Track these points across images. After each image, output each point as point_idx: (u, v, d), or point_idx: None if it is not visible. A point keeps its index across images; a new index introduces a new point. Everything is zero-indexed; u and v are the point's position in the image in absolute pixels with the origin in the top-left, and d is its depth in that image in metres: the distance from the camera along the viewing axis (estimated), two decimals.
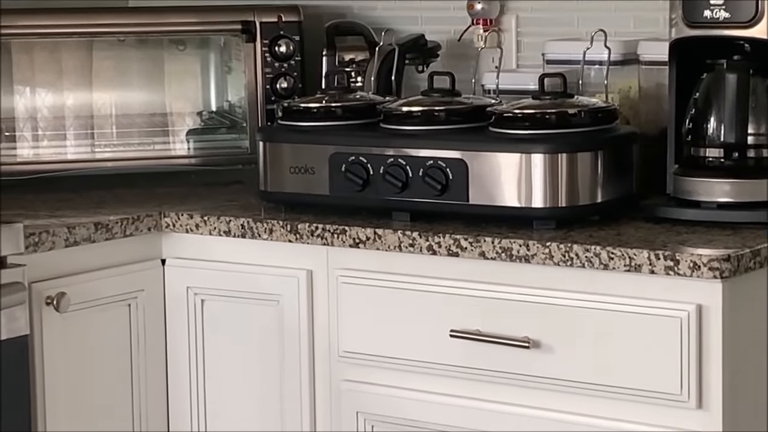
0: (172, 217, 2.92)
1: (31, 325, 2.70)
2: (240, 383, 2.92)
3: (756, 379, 2.47)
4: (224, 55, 3.34)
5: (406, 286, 2.67)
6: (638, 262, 2.40)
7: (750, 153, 2.69)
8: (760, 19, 2.59)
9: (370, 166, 2.77)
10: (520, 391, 2.56)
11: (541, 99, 2.79)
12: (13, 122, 3.19)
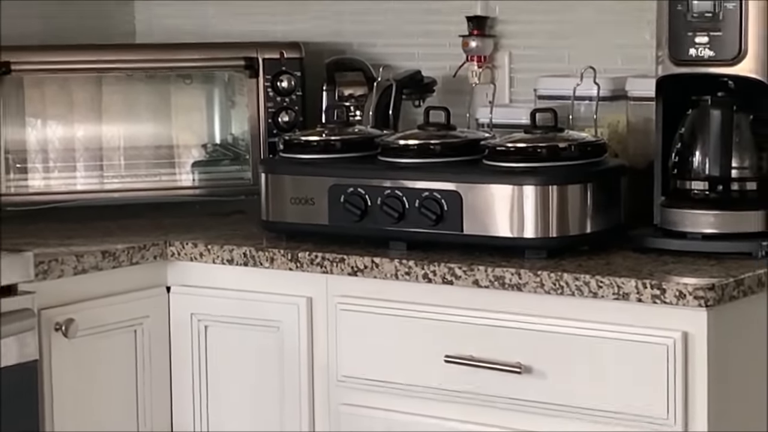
0: (177, 246, 2.93)
1: (41, 351, 2.71)
2: (242, 406, 2.92)
3: (740, 404, 2.48)
4: (228, 90, 3.35)
5: (403, 313, 2.68)
6: (626, 291, 2.41)
7: (734, 186, 2.69)
8: (744, 57, 2.61)
9: (368, 198, 2.78)
10: (513, 415, 2.56)
11: (532, 133, 2.80)
12: (25, 154, 3.20)
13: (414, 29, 3.38)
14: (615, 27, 3.12)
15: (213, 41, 3.53)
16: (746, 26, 2.60)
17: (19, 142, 3.18)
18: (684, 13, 2.65)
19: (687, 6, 2.64)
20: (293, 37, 3.43)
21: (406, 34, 3.39)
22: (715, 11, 2.61)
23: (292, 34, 3.45)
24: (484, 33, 3.25)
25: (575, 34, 3.18)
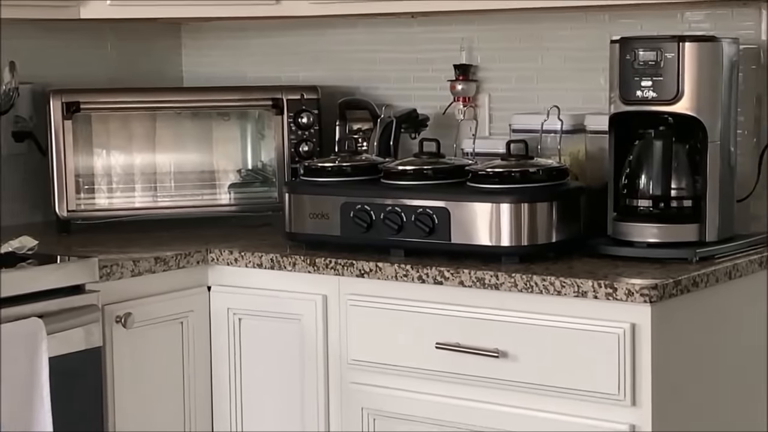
0: (216, 252, 2.92)
1: (104, 339, 2.71)
2: (269, 384, 2.92)
3: (678, 382, 2.47)
4: (259, 125, 3.34)
5: (401, 308, 2.67)
6: (584, 290, 2.41)
7: (673, 203, 2.70)
8: (681, 97, 2.61)
9: (372, 213, 2.78)
10: (491, 392, 2.56)
11: (508, 160, 2.79)
12: (92, 177, 3.20)
13: (410, 75, 3.38)
14: (576, 73, 3.12)
15: (246, 85, 3.52)
16: (683, 72, 2.60)
17: (88, 168, 3.19)
18: (631, 61, 2.65)
19: (634, 56, 2.64)
20: (312, 81, 3.43)
21: (404, 80, 3.38)
22: (657, 60, 2.62)
23: (310, 79, 3.45)
24: (468, 78, 3.25)
25: (543, 79, 3.18)
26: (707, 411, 2.60)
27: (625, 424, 2.40)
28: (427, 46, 3.34)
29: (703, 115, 2.65)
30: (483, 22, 3.24)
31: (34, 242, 2.71)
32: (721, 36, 2.70)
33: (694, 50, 2.62)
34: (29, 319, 2.50)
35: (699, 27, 2.92)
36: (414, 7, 3.04)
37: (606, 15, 3.02)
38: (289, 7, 3.16)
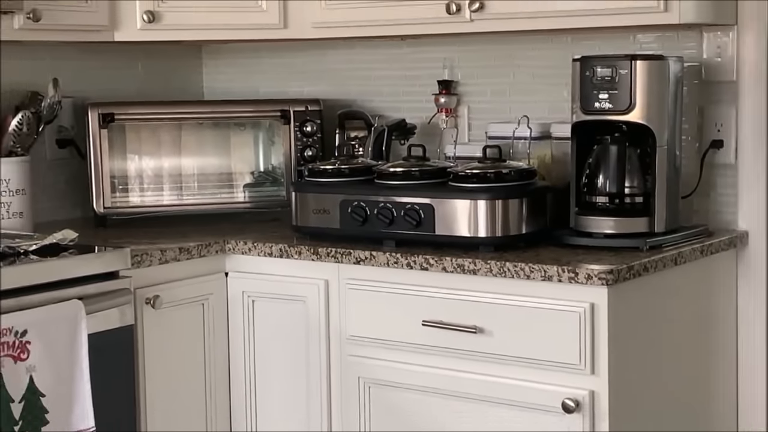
0: (233, 243, 2.92)
1: (135, 318, 2.71)
2: (278, 357, 2.91)
3: (631, 353, 2.49)
4: (269, 133, 3.33)
5: (392, 291, 2.67)
6: (550, 274, 2.42)
7: (626, 200, 2.71)
8: (633, 108, 2.61)
9: (367, 209, 2.78)
10: (469, 363, 2.56)
11: (484, 163, 2.79)
12: (126, 179, 3.20)
13: (400, 90, 3.38)
14: (543, 87, 3.11)
15: (258, 99, 3.53)
16: (635, 87, 2.61)
17: (121, 170, 3.19)
18: (590, 77, 2.65)
19: (592, 72, 2.64)
20: (315, 95, 3.43)
21: (394, 93, 3.38)
22: (612, 76, 2.62)
23: (314, 93, 3.45)
24: (450, 92, 3.25)
25: (514, 93, 3.18)
26: (657, 378, 2.61)
27: (585, 390, 2.40)
28: (415, 64, 3.34)
29: (652, 124, 2.65)
30: (462, 43, 3.23)
31: (74, 235, 2.71)
32: (668, 55, 2.71)
33: (644, 67, 2.62)
34: (71, 301, 2.50)
35: (649, 47, 2.92)
36: (403, 30, 3.05)
37: (569, 37, 3.02)
38: (295, 31, 3.16)
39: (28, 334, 2.39)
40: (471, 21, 2.86)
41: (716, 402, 2.85)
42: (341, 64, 3.49)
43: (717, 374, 2.85)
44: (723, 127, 2.87)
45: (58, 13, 2.89)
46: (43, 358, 2.41)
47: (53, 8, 2.87)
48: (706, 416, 2.82)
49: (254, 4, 3.14)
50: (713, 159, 2.89)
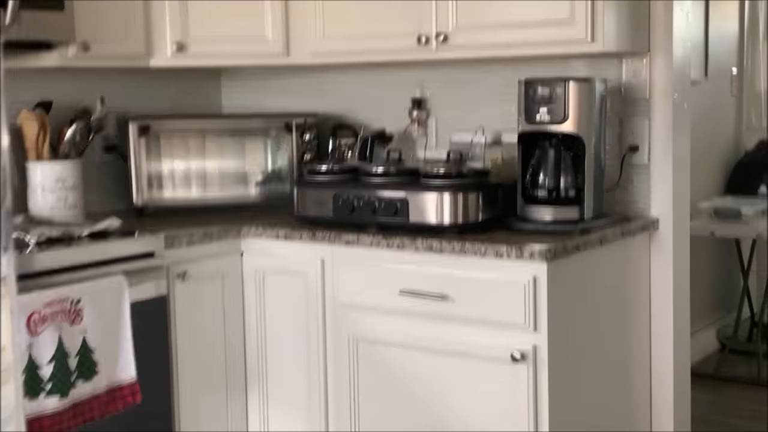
0: (247, 229, 2.93)
1: (168, 289, 2.74)
2: (284, 320, 2.92)
3: (565, 315, 2.52)
4: (276, 140, 3.30)
5: (375, 267, 2.70)
6: (501, 252, 2.46)
7: (561, 193, 2.73)
8: (566, 120, 2.64)
9: (354, 201, 2.79)
10: (437, 323, 2.59)
11: (448, 164, 2.84)
12: (161, 177, 3.18)
13: (381, 106, 3.36)
14: (496, 103, 3.09)
15: (267, 113, 3.53)
16: (568, 103, 2.64)
17: (156, 171, 3.19)
18: (533, 95, 2.68)
19: (534, 92, 2.68)
20: (312, 110, 3.42)
21: (377, 109, 3.37)
22: (550, 94, 2.65)
23: (312, 108, 3.45)
24: (421, 107, 3.26)
25: (474, 108, 3.16)
26: (586, 335, 2.65)
27: (529, 344, 2.45)
28: (393, 85, 3.34)
29: (582, 133, 2.67)
30: (430, 69, 3.23)
31: (118, 223, 2.74)
32: (594, 77, 2.74)
33: (575, 87, 2.65)
34: (116, 276, 2.53)
35: (580, 71, 2.92)
36: (383, 58, 3.07)
37: (517, 64, 3.01)
38: (296, 58, 3.18)
39: (82, 302, 2.42)
40: (437, 51, 2.87)
41: (633, 350, 2.89)
42: (333, 85, 3.48)
43: (634, 331, 2.89)
44: (638, 135, 2.89)
45: (105, 44, 2.91)
46: (94, 322, 2.44)
47: (101, 41, 2.89)
48: (625, 363, 2.85)
49: (262, 37, 3.16)
50: (630, 160, 2.91)
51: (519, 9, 2.73)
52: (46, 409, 2.33)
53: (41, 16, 2.66)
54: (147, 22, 3.06)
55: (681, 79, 2.90)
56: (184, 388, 2.82)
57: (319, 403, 2.87)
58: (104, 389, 2.47)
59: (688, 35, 2.93)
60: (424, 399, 2.64)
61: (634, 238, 2.81)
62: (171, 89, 3.55)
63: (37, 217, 2.90)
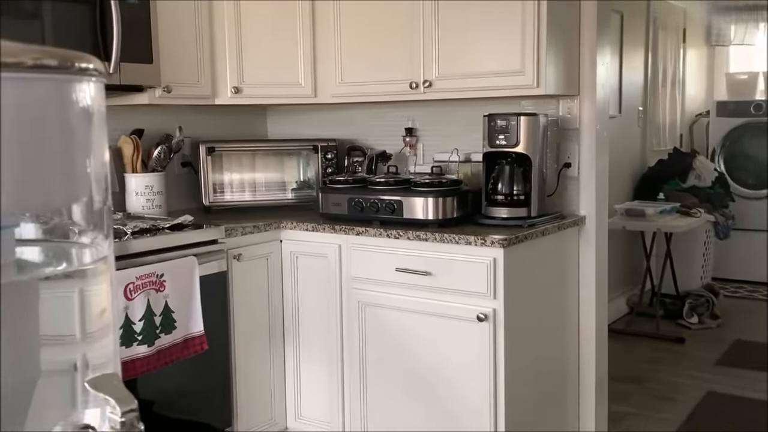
0: (285, 223, 2.92)
1: (227, 267, 2.74)
2: (311, 290, 2.91)
3: (516, 287, 2.51)
4: (306, 158, 3.32)
5: (378, 251, 2.69)
6: (470, 241, 2.46)
7: (514, 197, 2.72)
8: (518, 144, 2.64)
9: (363, 203, 2.79)
10: (423, 292, 2.58)
11: (431, 176, 2.82)
12: (222, 185, 3.20)
13: (383, 133, 3.35)
14: (466, 132, 3.10)
15: (299, 138, 3.53)
16: (519, 132, 2.64)
17: (219, 180, 3.19)
18: (494, 126, 2.68)
19: (495, 123, 2.67)
20: (333, 136, 3.43)
21: (380, 135, 3.36)
22: (507, 125, 2.65)
23: (332, 135, 3.45)
24: (412, 134, 3.25)
25: (450, 135, 3.16)
26: (532, 302, 2.64)
27: (490, 307, 2.44)
28: (392, 117, 3.33)
29: (529, 153, 2.67)
30: (419, 106, 3.23)
31: (191, 218, 2.74)
32: (539, 113, 2.73)
33: (525, 120, 2.65)
34: (189, 257, 2.54)
35: (528, 108, 2.92)
36: (385, 98, 3.06)
37: (482, 103, 3.00)
38: (321, 99, 3.18)
39: (164, 276, 2.43)
40: (424, 93, 2.88)
41: (566, 312, 2.88)
42: (348, 118, 3.47)
43: (567, 298, 2.88)
44: (571, 155, 2.89)
45: (182, 87, 2.91)
46: (173, 290, 2.45)
47: (179, 85, 2.90)
48: (560, 322, 2.85)
49: (297, 83, 3.16)
50: (565, 174, 2.90)
51: (483, 62, 2.73)
52: (137, 354, 2.33)
53: (136, 67, 2.67)
54: (213, 72, 3.06)
55: (602, 115, 2.89)
56: (238, 338, 2.82)
57: (337, 350, 2.87)
58: (180, 339, 2.48)
59: (607, 82, 2.92)
60: (413, 347, 2.64)
61: (567, 230, 2.80)
62: (230, 121, 3.56)
63: (132, 214, 2.91)
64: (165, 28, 2.82)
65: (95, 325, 0.77)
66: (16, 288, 0.68)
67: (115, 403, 0.63)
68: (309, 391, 2.96)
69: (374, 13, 2.98)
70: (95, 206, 0.75)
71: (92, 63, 0.67)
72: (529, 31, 2.62)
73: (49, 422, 0.68)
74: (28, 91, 0.61)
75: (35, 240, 0.76)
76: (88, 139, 0.70)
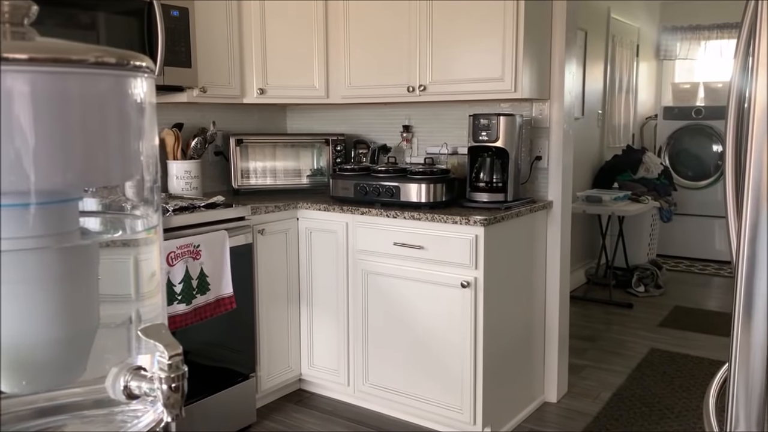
0: (302, 203, 2.91)
1: (253, 240, 2.72)
2: (323, 261, 2.90)
3: (495, 259, 2.50)
4: (319, 150, 3.31)
5: (379, 228, 2.67)
6: (456, 220, 2.44)
7: (494, 184, 2.71)
8: (498, 140, 2.63)
9: (367, 187, 2.78)
10: (417, 263, 2.58)
11: (425, 165, 2.81)
12: (248, 171, 3.18)
13: (384, 129, 3.34)
14: (454, 129, 3.09)
15: (314, 133, 3.52)
16: (499, 129, 2.61)
17: (245, 167, 3.18)
18: (477, 124, 2.66)
19: (478, 122, 2.66)
20: (342, 131, 3.42)
21: (381, 131, 3.34)
22: (489, 124, 2.63)
23: (341, 130, 3.44)
24: (408, 131, 3.24)
25: (440, 131, 3.14)
26: (507, 272, 2.63)
27: (472, 276, 2.44)
28: (391, 116, 3.31)
29: (507, 148, 2.66)
30: (415, 107, 3.21)
31: (223, 198, 2.73)
32: (516, 113, 2.72)
33: (504, 120, 2.64)
34: (221, 231, 2.52)
35: (507, 110, 2.91)
36: (386, 100, 3.02)
37: (467, 104, 3.01)
38: (333, 99, 3.15)
39: (200, 246, 2.42)
40: (419, 96, 2.85)
41: (535, 281, 2.88)
42: (355, 116, 3.45)
43: (535, 269, 2.88)
44: (542, 150, 2.87)
45: (215, 88, 2.89)
46: (208, 258, 2.45)
47: (213, 86, 2.87)
48: (529, 289, 2.85)
49: (312, 86, 3.13)
50: (537, 165, 2.89)
51: (470, 71, 2.71)
52: (177, 311, 2.33)
53: (177, 71, 2.65)
54: (242, 76, 3.03)
55: (568, 116, 2.87)
56: (261, 300, 2.81)
57: (343, 310, 2.87)
58: (213, 299, 2.48)
59: (572, 88, 2.91)
60: (407, 308, 2.64)
61: (537, 213, 2.80)
62: (255, 117, 3.53)
63: (173, 194, 2.90)
64: (201, 38, 2.80)
65: (146, 287, 0.77)
66: (79, 251, 0.68)
67: (164, 348, 0.63)
68: (320, 344, 2.97)
69: (378, 29, 2.95)
70: (146, 184, 0.75)
71: (145, 62, 0.66)
72: (509, 45, 2.60)
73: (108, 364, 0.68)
74: (92, 84, 0.60)
75: (96, 212, 0.75)
76: (141, 127, 0.69)
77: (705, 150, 5.80)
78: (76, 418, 0.67)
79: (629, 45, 5.70)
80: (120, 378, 0.65)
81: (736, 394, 1.02)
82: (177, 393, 0.62)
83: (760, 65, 0.95)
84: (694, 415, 2.79)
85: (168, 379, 0.62)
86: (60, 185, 0.61)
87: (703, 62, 6.33)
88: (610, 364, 3.45)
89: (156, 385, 0.63)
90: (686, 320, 4.17)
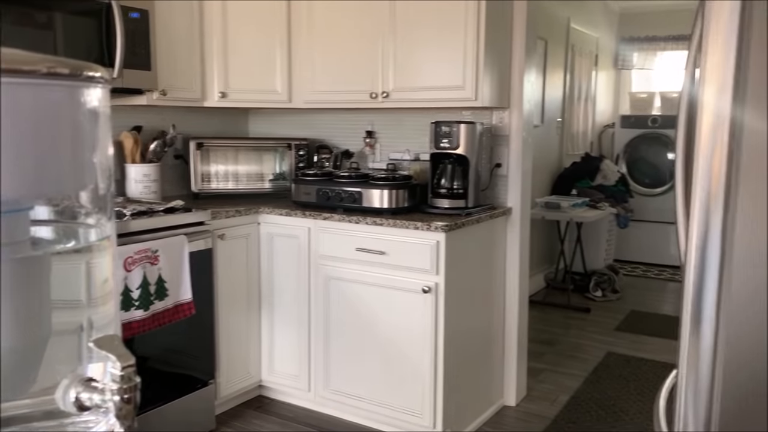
0: (263, 208, 2.89)
1: (212, 245, 2.70)
2: (285, 266, 2.88)
3: (455, 265, 2.52)
4: (281, 154, 3.29)
5: (342, 233, 2.67)
6: (417, 226, 2.46)
7: (454, 191, 2.73)
8: (458, 147, 2.66)
9: (329, 192, 2.78)
10: (378, 268, 2.58)
11: (387, 172, 2.83)
12: (209, 175, 3.15)
13: (347, 134, 3.34)
14: (417, 135, 3.11)
15: (276, 137, 3.50)
16: (459, 136, 2.65)
17: (206, 171, 3.14)
18: (439, 131, 2.69)
19: (440, 129, 2.68)
20: (304, 136, 3.41)
21: (344, 136, 3.35)
22: (450, 131, 2.67)
23: (304, 135, 3.43)
24: (372, 136, 3.25)
25: (403, 138, 3.16)
26: (467, 278, 2.66)
27: (433, 281, 2.46)
28: (355, 122, 3.31)
29: (468, 155, 2.69)
30: (378, 113, 3.22)
31: (182, 203, 2.70)
32: (476, 121, 2.75)
33: (465, 128, 2.67)
34: (180, 235, 2.50)
35: (467, 117, 2.93)
36: (349, 105, 3.03)
37: (430, 112, 3.03)
38: (295, 104, 3.14)
39: (159, 251, 2.39)
40: (382, 102, 2.87)
41: (494, 286, 2.92)
42: (318, 121, 3.45)
43: (495, 275, 2.91)
44: (501, 157, 2.91)
45: (176, 91, 2.86)
46: (166, 263, 2.42)
47: (174, 89, 2.84)
48: (489, 294, 2.88)
49: (274, 90, 3.11)
50: (497, 172, 2.93)
51: (432, 79, 2.73)
52: (134, 317, 2.30)
53: (137, 73, 2.61)
54: (202, 79, 3.00)
55: (527, 124, 2.93)
56: (221, 305, 2.79)
57: (305, 315, 2.86)
58: (172, 305, 2.45)
59: (532, 97, 2.96)
60: (369, 314, 2.65)
61: (497, 219, 2.84)
62: (216, 120, 3.51)
63: (131, 198, 2.85)
64: (162, 40, 2.76)
65: (98, 292, 0.77)
66: (31, 261, 0.67)
67: (116, 359, 0.63)
68: (281, 349, 2.95)
69: (342, 33, 2.96)
70: (100, 192, 0.74)
71: (99, 72, 0.66)
72: (470, 54, 2.63)
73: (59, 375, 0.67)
74: (44, 94, 0.60)
75: (48, 221, 0.74)
76: (94, 136, 0.69)
77: (661, 158, 5.98)
78: (25, 431, 0.66)
79: (588, 54, 5.85)
80: (71, 389, 0.64)
81: (684, 397, 1.05)
82: (129, 404, 0.62)
83: (707, 76, 1.00)
84: (648, 417, 2.87)
85: (120, 390, 0.62)
86: (12, 196, 0.61)
87: (659, 72, 6.53)
88: (568, 367, 3.52)
89: (108, 396, 0.63)
90: (642, 324, 4.29)
